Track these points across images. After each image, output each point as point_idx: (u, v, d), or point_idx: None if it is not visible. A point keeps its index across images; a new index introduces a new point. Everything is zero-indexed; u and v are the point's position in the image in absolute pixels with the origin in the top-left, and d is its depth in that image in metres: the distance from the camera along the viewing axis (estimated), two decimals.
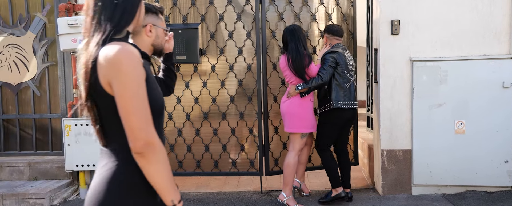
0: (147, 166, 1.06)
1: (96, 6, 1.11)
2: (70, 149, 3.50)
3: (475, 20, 3.29)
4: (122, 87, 1.03)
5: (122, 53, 1.03)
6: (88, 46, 1.09)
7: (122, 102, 1.04)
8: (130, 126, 1.04)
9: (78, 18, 3.32)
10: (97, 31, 1.09)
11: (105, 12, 1.11)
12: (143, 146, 1.04)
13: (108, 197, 1.08)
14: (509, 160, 3.29)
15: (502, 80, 3.25)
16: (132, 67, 1.04)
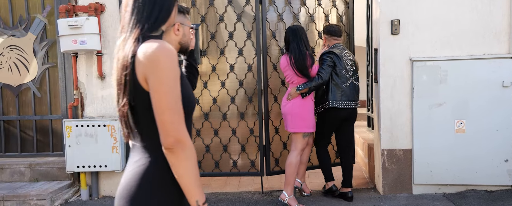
0: (176, 162, 1.07)
1: (135, 4, 1.14)
2: (71, 150, 3.50)
3: (475, 20, 3.30)
4: (158, 83, 1.05)
5: (160, 50, 1.06)
6: (127, 43, 1.11)
7: (157, 97, 1.06)
8: (163, 122, 1.05)
9: (79, 20, 3.32)
10: (135, 28, 1.12)
11: (145, 10, 1.14)
12: (174, 142, 1.05)
13: (139, 192, 1.10)
14: (509, 159, 3.30)
15: (502, 80, 3.26)
16: (170, 64, 1.06)
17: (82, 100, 3.65)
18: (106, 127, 3.49)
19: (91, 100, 3.63)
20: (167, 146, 1.06)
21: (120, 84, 1.11)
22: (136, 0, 1.14)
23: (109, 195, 3.67)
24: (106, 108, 3.62)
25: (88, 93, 3.63)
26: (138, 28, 1.12)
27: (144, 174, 1.11)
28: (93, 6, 3.46)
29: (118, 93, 1.13)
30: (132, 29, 1.12)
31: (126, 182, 1.13)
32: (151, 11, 1.14)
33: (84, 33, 3.34)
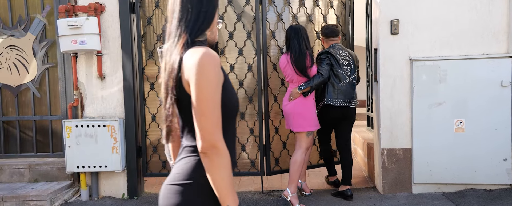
0: (209, 166, 1.11)
1: (183, 10, 1.18)
2: (70, 150, 3.50)
3: (474, 20, 3.32)
4: (198, 89, 1.09)
5: (205, 57, 1.09)
6: (175, 48, 1.16)
7: (195, 103, 1.10)
8: (200, 127, 1.09)
9: (78, 20, 3.32)
10: (183, 34, 1.17)
11: (191, 16, 1.18)
12: (207, 148, 1.09)
13: (188, 187, 1.15)
14: (508, 158, 3.31)
15: (500, 79, 3.27)
16: (212, 71, 1.10)
17: (82, 100, 3.64)
18: (106, 127, 3.48)
19: (91, 101, 3.63)
20: (201, 150, 1.10)
21: (167, 87, 1.16)
22: (184, 7, 1.18)
23: (109, 196, 3.66)
24: (106, 108, 3.62)
25: (88, 93, 3.63)
26: (185, 34, 1.17)
27: (190, 171, 1.16)
28: (93, 6, 3.46)
29: (165, 96, 1.18)
30: (180, 35, 1.17)
31: (173, 177, 1.19)
32: (197, 18, 1.19)
33: (84, 33, 3.34)
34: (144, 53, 3.60)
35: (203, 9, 1.19)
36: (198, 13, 1.19)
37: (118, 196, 3.65)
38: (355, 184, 3.79)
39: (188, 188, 1.15)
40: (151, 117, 3.61)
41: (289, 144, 3.68)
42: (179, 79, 1.13)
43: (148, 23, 3.56)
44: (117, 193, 3.65)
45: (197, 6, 1.18)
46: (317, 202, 3.33)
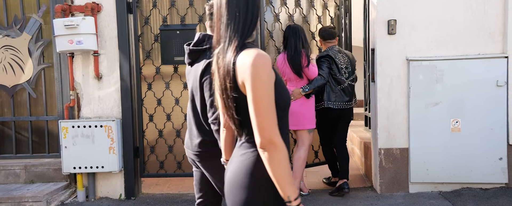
0: (269, 162, 1.17)
1: (230, 15, 1.25)
2: (67, 151, 3.47)
3: (470, 20, 3.35)
4: (254, 89, 1.16)
5: (258, 59, 1.17)
6: (227, 51, 1.23)
7: (253, 103, 1.17)
8: (257, 125, 1.16)
9: (75, 19, 3.29)
10: (234, 38, 1.24)
11: (240, 20, 1.25)
12: (266, 144, 1.16)
13: (250, 182, 1.24)
14: (503, 157, 3.35)
15: (496, 79, 3.31)
16: (266, 72, 1.17)
17: (78, 101, 3.62)
18: (103, 127, 3.46)
19: (87, 101, 3.60)
20: (260, 146, 1.17)
21: (224, 88, 1.24)
22: (231, 12, 1.25)
23: (106, 196, 3.64)
24: (103, 108, 3.60)
25: (84, 94, 3.60)
26: (236, 38, 1.23)
27: (251, 166, 1.25)
28: (90, 6, 3.44)
29: (221, 96, 1.26)
30: (231, 39, 1.24)
31: (236, 172, 1.27)
32: (245, 21, 1.25)
33: (80, 33, 3.32)
34: (142, 53, 3.58)
35: (249, 12, 1.26)
36: (246, 17, 1.25)
37: (115, 196, 3.63)
38: (352, 183, 3.81)
39: (251, 183, 1.24)
40: (149, 117, 3.60)
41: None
42: (235, 81, 1.21)
43: (146, 23, 3.55)
44: (114, 193, 3.63)
45: (244, 10, 1.25)
46: (315, 202, 3.34)
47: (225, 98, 1.25)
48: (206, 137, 1.82)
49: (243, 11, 1.25)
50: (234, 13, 1.25)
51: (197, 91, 1.83)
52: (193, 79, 1.86)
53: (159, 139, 3.61)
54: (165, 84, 3.56)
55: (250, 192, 1.24)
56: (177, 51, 3.43)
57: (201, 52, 1.86)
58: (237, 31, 1.24)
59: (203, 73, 1.78)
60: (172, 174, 3.63)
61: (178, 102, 3.57)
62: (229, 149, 1.53)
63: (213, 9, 1.32)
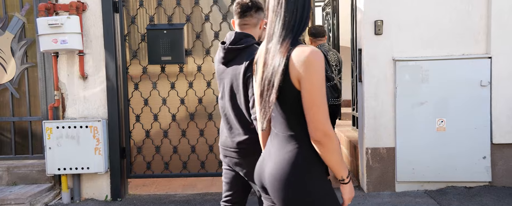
0: (324, 152, 1.26)
1: (289, 13, 1.30)
2: (51, 152, 3.41)
3: (454, 21, 3.40)
4: (311, 84, 1.23)
5: (314, 55, 1.24)
6: (280, 47, 1.27)
7: (309, 97, 1.23)
8: (313, 118, 1.23)
9: (59, 18, 3.23)
10: (289, 34, 1.29)
11: (297, 19, 1.30)
12: (322, 136, 1.23)
13: (293, 174, 1.29)
14: (487, 156, 3.41)
15: (480, 79, 3.37)
16: (321, 67, 1.24)
17: (63, 101, 3.56)
18: (88, 128, 3.41)
19: (72, 101, 3.54)
20: (316, 138, 1.24)
21: (271, 82, 1.28)
22: (289, 11, 1.30)
23: (92, 198, 3.59)
24: (88, 108, 3.54)
25: (69, 94, 3.54)
26: (291, 35, 1.29)
27: (295, 159, 1.30)
28: (75, 5, 3.38)
29: (267, 90, 1.30)
30: (286, 36, 1.29)
31: (279, 166, 1.31)
32: (301, 18, 1.31)
33: (65, 33, 3.26)
34: (128, 53, 3.54)
35: (305, 10, 1.32)
36: (302, 14, 1.31)
37: (101, 198, 3.58)
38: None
39: (301, 175, 1.29)
40: (135, 117, 3.56)
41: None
42: (287, 76, 1.25)
43: (132, 22, 3.51)
44: (100, 195, 3.58)
45: (301, 10, 1.31)
46: None
47: (271, 92, 1.28)
48: (250, 134, 1.84)
49: (300, 9, 1.30)
50: (292, 10, 1.30)
51: (239, 89, 1.84)
52: (233, 78, 1.87)
53: (146, 140, 3.57)
54: (152, 84, 3.53)
55: (301, 186, 1.29)
56: (164, 51, 3.39)
57: (239, 51, 1.86)
58: (293, 29, 1.30)
59: (246, 71, 1.80)
60: (159, 174, 3.60)
61: (166, 102, 3.53)
62: (267, 141, 1.57)
63: (268, 6, 1.36)
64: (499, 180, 3.45)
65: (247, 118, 1.85)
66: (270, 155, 1.37)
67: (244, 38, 1.87)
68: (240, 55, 1.86)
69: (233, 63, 1.88)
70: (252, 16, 1.90)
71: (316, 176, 1.31)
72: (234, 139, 1.89)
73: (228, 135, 1.93)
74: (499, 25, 3.33)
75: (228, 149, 1.93)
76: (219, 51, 1.93)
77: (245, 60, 1.81)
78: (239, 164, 1.91)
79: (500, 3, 3.32)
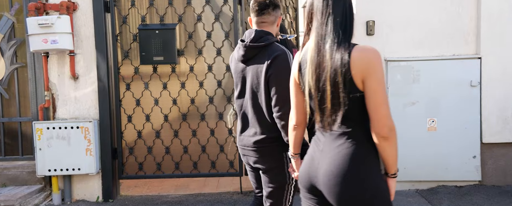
0: (388, 146, 1.31)
1: (344, 16, 1.34)
2: (41, 153, 3.37)
3: (445, 22, 3.43)
4: (377, 83, 1.28)
5: (376, 54, 1.30)
6: (339, 48, 1.30)
7: (375, 95, 1.28)
8: (380, 115, 1.28)
9: (49, 18, 3.20)
10: (344, 36, 1.32)
11: (349, 21, 1.35)
12: (389, 132, 1.28)
13: (356, 170, 1.32)
14: (477, 155, 3.45)
15: (470, 79, 3.41)
16: (382, 65, 1.31)
17: (53, 101, 3.52)
18: (79, 129, 3.38)
19: (63, 102, 3.51)
20: (383, 134, 1.29)
21: (332, 82, 1.31)
22: (344, 14, 1.34)
23: (83, 199, 3.56)
24: (79, 109, 3.51)
25: (60, 94, 3.51)
26: (346, 36, 1.32)
27: (355, 155, 1.33)
28: (65, 5, 3.35)
29: (329, 89, 1.32)
30: (344, 37, 1.32)
31: (338, 162, 1.33)
32: (351, 18, 1.35)
33: (55, 32, 3.23)
34: (120, 53, 3.51)
35: (352, 12, 1.37)
36: (351, 16, 1.36)
37: (92, 199, 3.55)
38: None
39: (360, 171, 1.32)
40: (127, 118, 3.53)
41: None
42: (349, 75, 1.29)
43: (124, 22, 3.48)
44: (91, 196, 3.55)
45: (349, 10, 1.36)
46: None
47: (331, 91, 1.31)
48: (268, 133, 1.87)
49: (350, 14, 1.35)
50: (342, 11, 1.34)
51: (261, 88, 1.85)
52: (254, 76, 1.87)
53: (138, 140, 3.55)
54: (144, 84, 3.51)
55: (365, 181, 1.32)
56: (156, 51, 3.38)
57: (260, 49, 1.86)
58: (347, 30, 1.33)
59: (268, 70, 1.81)
60: (152, 175, 3.58)
61: (158, 103, 3.52)
62: (299, 144, 1.63)
63: (313, 8, 1.39)
64: (489, 179, 3.49)
65: (267, 116, 1.86)
66: (324, 153, 1.38)
67: (264, 36, 1.87)
68: (261, 53, 1.87)
69: (254, 61, 1.88)
70: (270, 14, 1.92)
71: (374, 171, 1.34)
72: (251, 138, 1.91)
73: (246, 133, 1.95)
74: (488, 26, 3.37)
75: (246, 148, 1.95)
76: (238, 49, 1.93)
77: (267, 59, 1.82)
78: (258, 162, 1.94)
79: (490, 4, 3.36)
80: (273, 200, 1.94)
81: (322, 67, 1.32)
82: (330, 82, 1.31)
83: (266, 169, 1.92)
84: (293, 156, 1.67)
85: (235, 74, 1.98)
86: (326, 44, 1.32)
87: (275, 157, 1.89)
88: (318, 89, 1.34)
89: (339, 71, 1.29)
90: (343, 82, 1.29)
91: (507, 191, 3.37)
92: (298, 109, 1.53)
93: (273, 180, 1.91)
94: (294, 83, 1.51)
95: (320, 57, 1.33)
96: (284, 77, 1.77)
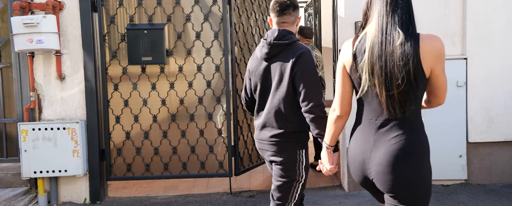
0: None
1: (409, 10, 1.44)
2: (27, 155, 3.32)
3: (433, 22, 3.48)
4: (442, 70, 1.41)
5: (442, 42, 1.42)
6: (410, 39, 1.38)
7: (441, 81, 1.42)
8: (443, 96, 1.47)
9: (35, 17, 3.14)
10: (411, 26, 1.42)
11: (411, 10, 1.45)
12: (443, 101, 1.52)
13: (416, 158, 1.42)
14: (463, 154, 3.51)
15: (456, 80, 3.46)
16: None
17: (39, 102, 3.46)
18: (66, 130, 3.33)
19: (49, 103, 3.45)
20: (441, 103, 1.51)
21: (406, 72, 1.36)
22: (407, 7, 1.44)
23: (70, 201, 3.51)
24: (66, 110, 3.46)
25: (46, 95, 3.45)
26: (413, 26, 1.43)
27: (416, 141, 1.42)
28: (51, 4, 3.29)
29: (400, 80, 1.37)
30: (412, 29, 1.42)
31: (401, 150, 1.41)
32: (412, 10, 1.46)
33: (41, 32, 3.17)
34: (108, 53, 3.47)
35: (411, 4, 1.47)
36: (411, 7, 1.46)
37: (79, 201, 3.50)
38: (321, 182, 3.87)
39: (418, 158, 1.43)
40: (115, 118, 3.49)
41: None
42: (418, 64, 1.37)
43: (112, 22, 3.44)
44: (78, 198, 3.50)
45: (411, 2, 1.47)
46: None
47: (405, 81, 1.36)
48: (287, 129, 1.95)
49: (410, 2, 1.45)
50: (407, 5, 1.43)
51: (284, 84, 1.92)
52: (278, 73, 1.94)
53: (126, 141, 3.51)
54: (133, 85, 3.47)
55: (422, 168, 1.44)
56: (144, 51, 3.34)
57: (284, 47, 1.94)
58: (411, 17, 1.43)
59: (293, 67, 1.88)
60: (140, 176, 3.54)
61: (146, 103, 3.48)
62: (337, 136, 1.67)
63: (369, 5, 1.49)
64: (475, 178, 3.55)
65: (288, 112, 1.94)
66: (380, 142, 1.44)
67: (287, 35, 1.96)
68: (284, 51, 1.94)
69: (277, 59, 1.96)
70: (291, 14, 2.01)
71: (427, 159, 1.45)
72: (269, 133, 1.99)
73: (265, 128, 2.01)
74: (474, 27, 3.43)
75: (263, 142, 2.03)
76: (262, 48, 2.00)
77: (292, 57, 1.90)
78: (273, 156, 2.01)
79: (475, 6, 3.42)
80: (281, 194, 2.02)
81: (390, 57, 1.37)
82: (398, 71, 1.36)
83: (279, 163, 1.99)
84: (329, 148, 1.70)
85: (255, 73, 2.04)
86: (393, 34, 1.38)
87: (290, 152, 1.97)
88: (385, 78, 1.38)
89: (411, 61, 1.35)
90: (413, 71, 1.35)
91: (492, 189, 3.43)
92: (345, 99, 1.56)
93: (284, 174, 1.99)
94: (344, 73, 1.53)
95: (386, 47, 1.38)
96: (310, 73, 1.88)
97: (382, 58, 1.38)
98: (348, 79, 1.53)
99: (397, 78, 1.36)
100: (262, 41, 2.00)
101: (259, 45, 2.03)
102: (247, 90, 2.17)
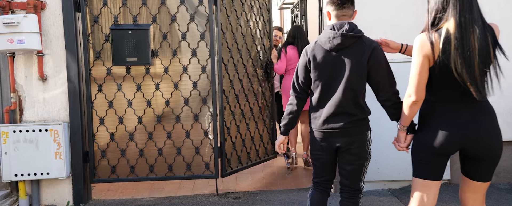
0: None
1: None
2: (7, 157, 3.24)
3: (415, 25, 3.48)
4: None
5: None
6: (475, 25, 1.69)
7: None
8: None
9: (15, 17, 3.07)
10: (483, 17, 1.76)
11: (477, 3, 1.75)
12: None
13: (497, 121, 1.87)
14: None
15: None
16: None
17: (20, 103, 3.38)
18: (48, 131, 3.26)
19: (31, 104, 3.38)
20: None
21: (490, 57, 1.72)
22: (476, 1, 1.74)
23: (52, 204, 3.44)
24: (48, 111, 3.39)
25: (27, 96, 3.37)
26: (483, 17, 1.75)
27: (496, 119, 1.86)
28: (32, 3, 3.22)
29: (482, 70, 1.72)
30: (471, 15, 1.71)
31: (495, 125, 1.84)
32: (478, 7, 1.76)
33: (22, 32, 3.10)
34: (92, 54, 3.41)
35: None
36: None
37: (62, 204, 3.44)
38: (308, 183, 3.88)
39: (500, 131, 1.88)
40: (99, 120, 3.44)
41: (245, 142, 3.68)
42: (494, 48, 1.74)
43: (95, 22, 3.38)
44: (61, 201, 3.44)
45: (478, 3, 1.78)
46: (274, 195, 3.35)
47: (480, 65, 1.70)
48: (360, 115, 2.15)
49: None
50: (476, 2, 1.73)
51: (356, 74, 2.06)
52: (351, 64, 2.06)
53: (110, 143, 3.46)
54: (117, 86, 3.42)
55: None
56: (129, 52, 3.30)
57: (356, 39, 2.06)
58: (479, 9, 1.73)
59: (369, 59, 2.05)
60: (125, 178, 3.50)
61: (131, 104, 3.44)
62: (412, 117, 1.95)
63: (444, 4, 1.75)
64: (457, 178, 3.62)
65: (359, 100, 2.13)
66: (478, 117, 1.80)
67: (356, 28, 2.09)
68: (356, 44, 2.06)
69: (350, 50, 2.06)
70: (349, 8, 2.13)
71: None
72: (342, 120, 2.10)
73: (335, 117, 2.11)
74: None
75: (335, 130, 2.11)
76: (332, 39, 2.05)
77: (367, 50, 2.06)
78: (345, 142, 2.14)
79: None
80: (355, 176, 2.23)
81: (471, 43, 1.67)
82: (479, 58, 1.67)
83: (354, 147, 2.15)
84: (402, 128, 2.02)
85: (322, 63, 2.10)
86: (474, 26, 1.66)
87: (363, 135, 2.18)
88: (470, 66, 1.68)
89: (490, 48, 1.68)
90: (492, 57, 1.70)
91: None
92: (422, 86, 1.85)
93: (359, 156, 2.17)
94: (427, 62, 1.80)
95: (468, 38, 1.67)
96: (387, 65, 2.12)
97: (465, 50, 1.68)
98: (427, 69, 1.80)
99: (477, 66, 1.68)
100: (331, 32, 2.05)
101: (325, 36, 2.08)
102: (303, 80, 2.19)
